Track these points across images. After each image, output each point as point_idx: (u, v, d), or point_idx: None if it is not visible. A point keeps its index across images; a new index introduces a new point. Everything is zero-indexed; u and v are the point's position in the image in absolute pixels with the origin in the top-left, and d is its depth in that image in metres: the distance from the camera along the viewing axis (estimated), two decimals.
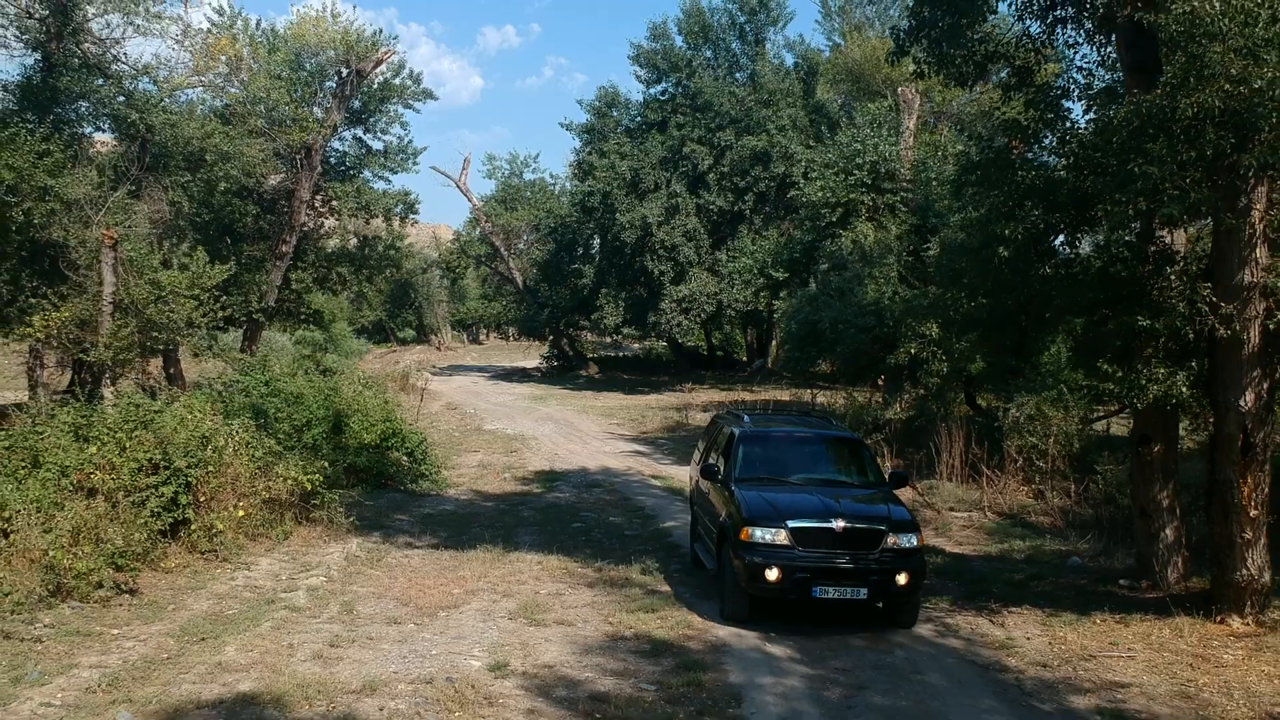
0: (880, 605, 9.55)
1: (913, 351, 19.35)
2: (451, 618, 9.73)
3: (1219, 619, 9.48)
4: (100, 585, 9.72)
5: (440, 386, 33.33)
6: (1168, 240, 9.22)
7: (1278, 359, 8.73)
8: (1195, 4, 6.67)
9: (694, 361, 42.89)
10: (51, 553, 9.42)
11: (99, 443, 11.39)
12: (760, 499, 9.81)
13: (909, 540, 9.42)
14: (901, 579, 9.25)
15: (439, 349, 58.22)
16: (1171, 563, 10.54)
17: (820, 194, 27.87)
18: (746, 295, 33.65)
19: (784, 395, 29.32)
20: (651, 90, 40.27)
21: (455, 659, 8.49)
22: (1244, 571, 9.27)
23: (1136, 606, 10.10)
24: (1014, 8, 9.26)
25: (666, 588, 11.00)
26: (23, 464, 11.00)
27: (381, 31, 30.54)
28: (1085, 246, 10.10)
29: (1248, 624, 9.40)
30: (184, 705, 7.32)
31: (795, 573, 9.17)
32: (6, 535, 9.73)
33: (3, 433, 11.47)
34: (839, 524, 9.31)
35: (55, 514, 9.99)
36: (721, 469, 10.75)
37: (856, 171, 27.47)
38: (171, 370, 23.80)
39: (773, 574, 9.17)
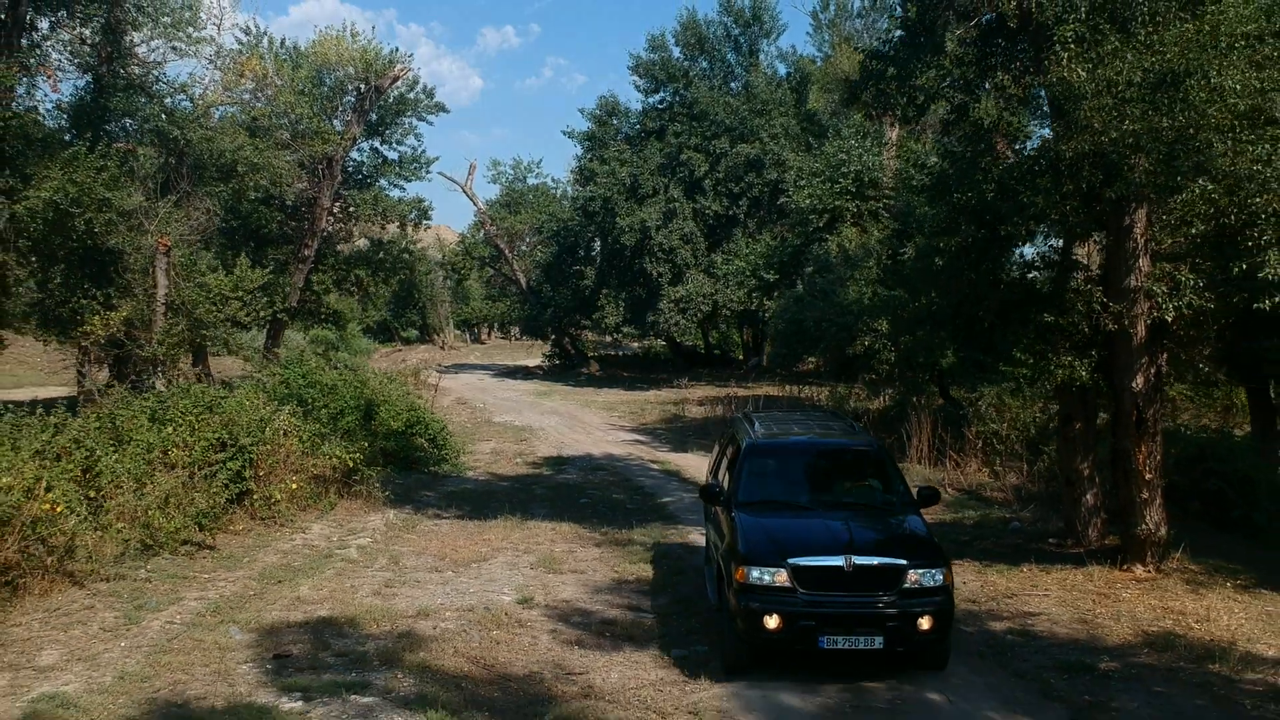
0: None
1: (866, 344, 21.35)
2: (483, 567, 11.62)
3: (1125, 568, 11.32)
4: (186, 542, 11.67)
5: (448, 383, 35.11)
6: (1079, 253, 11.08)
7: (1161, 348, 10.57)
8: (1065, 74, 8.55)
9: (691, 359, 44.62)
10: (150, 513, 11.30)
11: (174, 424, 13.24)
12: (760, 530, 8.50)
13: (933, 577, 7.97)
14: (924, 623, 7.81)
15: (442, 348, 59.93)
16: (1092, 523, 12.39)
17: (808, 201, 29.61)
18: (740, 296, 35.28)
19: (775, 391, 31.13)
20: (650, 99, 42.25)
21: (489, 595, 10.37)
22: (1144, 526, 11.11)
23: (1059, 559, 11.96)
24: (949, 59, 11.07)
25: (663, 545, 12.86)
26: (111, 442, 12.82)
27: (397, 49, 32.44)
28: (1026, 251, 11.96)
29: (1149, 571, 11.24)
30: (277, 625, 9.20)
31: (799, 620, 7.79)
32: (105, 499, 11.57)
33: (92, 414, 13.29)
34: (848, 561, 7.94)
35: (147, 483, 11.86)
36: (725, 487, 9.66)
37: (842, 180, 29.22)
38: (200, 367, 25.57)
39: (772, 621, 7.78)
